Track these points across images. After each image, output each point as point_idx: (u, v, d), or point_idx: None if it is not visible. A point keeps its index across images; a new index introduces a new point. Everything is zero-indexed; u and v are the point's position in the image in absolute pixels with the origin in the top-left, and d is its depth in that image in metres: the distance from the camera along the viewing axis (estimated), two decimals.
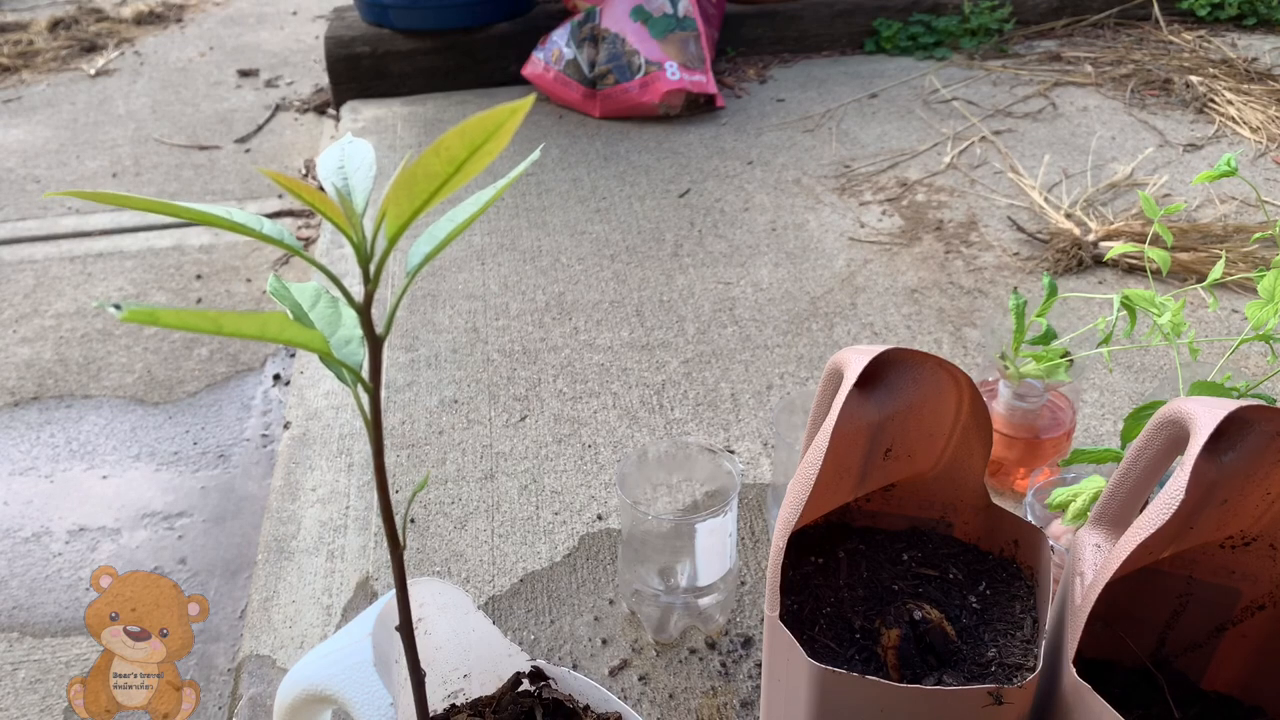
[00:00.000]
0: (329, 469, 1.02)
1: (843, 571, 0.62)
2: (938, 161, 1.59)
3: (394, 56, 1.94)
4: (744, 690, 0.75)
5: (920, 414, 0.58)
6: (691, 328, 1.20)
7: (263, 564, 0.91)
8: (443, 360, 1.17)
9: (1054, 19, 2.14)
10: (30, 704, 0.87)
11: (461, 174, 0.31)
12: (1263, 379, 0.68)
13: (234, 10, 2.89)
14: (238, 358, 1.35)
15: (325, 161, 0.37)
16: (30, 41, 2.59)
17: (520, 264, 1.36)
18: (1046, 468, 0.83)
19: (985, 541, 0.63)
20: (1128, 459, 0.54)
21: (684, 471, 0.79)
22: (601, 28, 1.79)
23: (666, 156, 1.65)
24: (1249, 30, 2.06)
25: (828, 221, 1.44)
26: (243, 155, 1.95)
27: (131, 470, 1.16)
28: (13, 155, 1.98)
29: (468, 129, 0.30)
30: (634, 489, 0.76)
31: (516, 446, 1.03)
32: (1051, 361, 0.79)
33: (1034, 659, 0.54)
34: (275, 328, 0.31)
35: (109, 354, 1.35)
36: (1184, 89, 1.79)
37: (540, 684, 0.56)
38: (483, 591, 0.86)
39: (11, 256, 1.61)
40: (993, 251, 1.34)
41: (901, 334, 1.18)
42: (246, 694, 0.79)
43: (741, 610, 0.82)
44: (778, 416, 0.83)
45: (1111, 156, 1.58)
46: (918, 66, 1.97)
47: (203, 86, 2.31)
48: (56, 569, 1.03)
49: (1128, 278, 1.26)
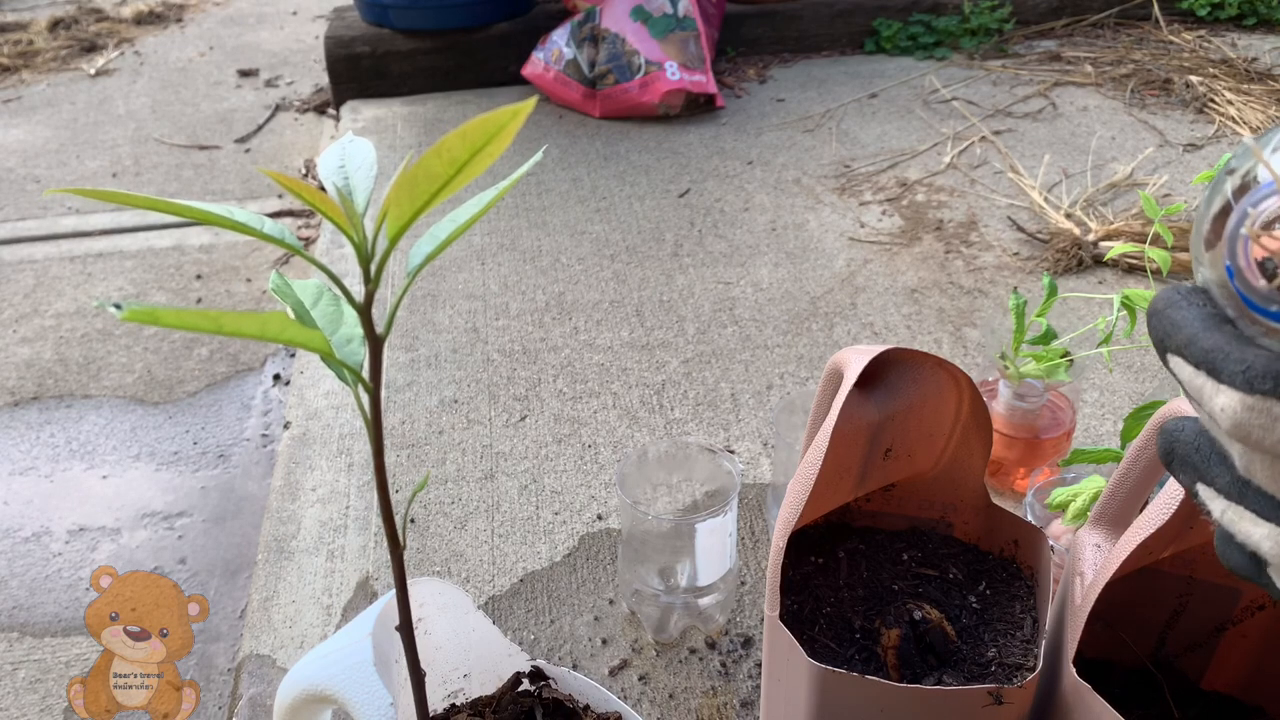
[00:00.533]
0: (329, 469, 1.02)
1: (843, 571, 0.62)
2: (938, 161, 1.59)
3: (394, 56, 1.94)
4: (744, 690, 0.75)
5: (920, 414, 0.58)
6: (691, 328, 1.20)
7: (263, 564, 0.91)
8: (443, 360, 1.17)
9: (1054, 19, 2.14)
10: (30, 704, 0.87)
11: (463, 175, 0.31)
12: None
13: (234, 10, 2.89)
14: (238, 358, 1.35)
15: (326, 161, 0.37)
16: (30, 41, 2.59)
17: (520, 264, 1.36)
18: (1046, 468, 0.83)
19: (985, 541, 0.63)
20: (1127, 459, 0.54)
21: (684, 471, 0.79)
22: (601, 28, 1.79)
23: (666, 156, 1.65)
24: (1249, 30, 2.06)
25: (828, 221, 1.44)
26: (243, 155, 1.95)
27: (131, 470, 1.16)
28: (12, 155, 1.98)
29: (469, 131, 0.30)
30: (634, 489, 0.76)
31: (516, 446, 1.03)
32: (1051, 361, 0.79)
33: (1034, 659, 0.54)
34: (276, 327, 0.31)
35: (109, 354, 1.35)
36: (1184, 89, 1.79)
37: (540, 684, 0.56)
38: (483, 591, 0.86)
39: (11, 256, 1.61)
40: (993, 251, 1.34)
41: (901, 334, 1.18)
42: (246, 694, 0.79)
43: (741, 610, 0.82)
44: (778, 416, 0.83)
45: (1111, 156, 1.58)
46: (918, 66, 1.97)
47: (203, 86, 2.31)
48: (56, 569, 1.03)
49: (1128, 278, 1.26)
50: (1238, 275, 0.29)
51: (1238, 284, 0.29)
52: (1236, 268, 0.29)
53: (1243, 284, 0.29)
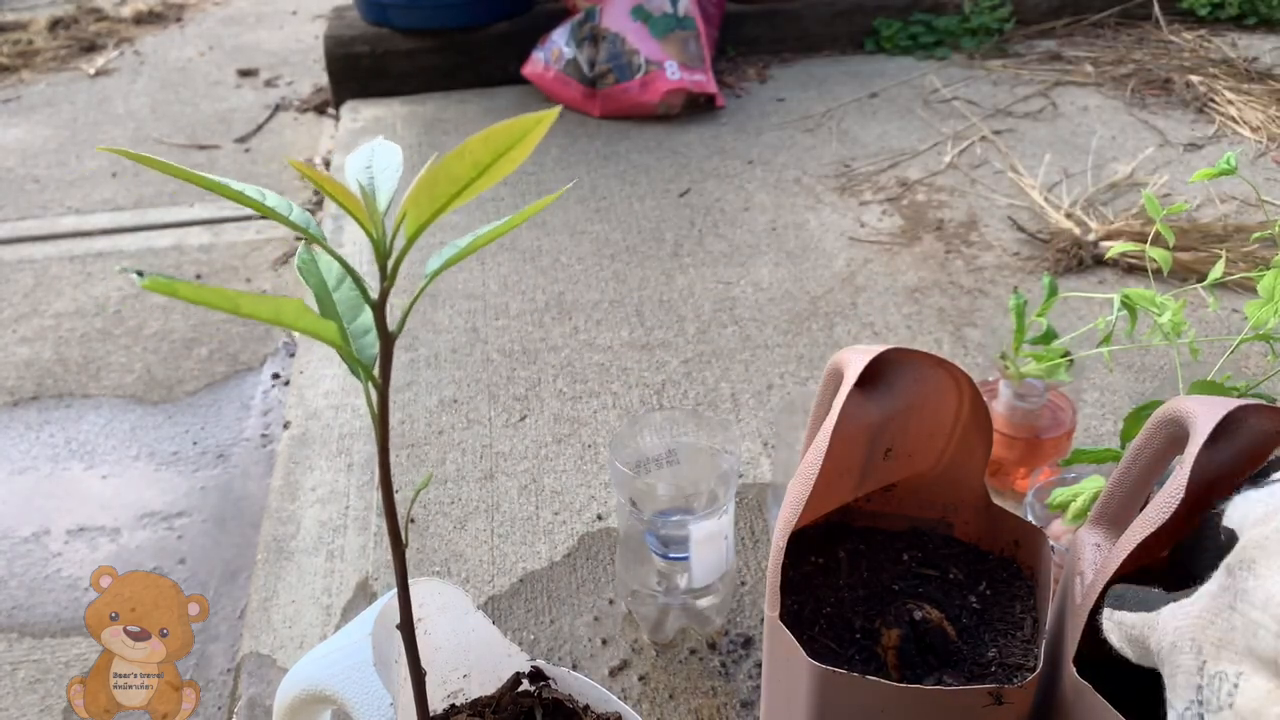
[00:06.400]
0: (329, 469, 1.02)
1: (843, 571, 0.62)
2: (938, 161, 1.59)
3: (394, 56, 1.94)
4: (744, 690, 0.75)
5: (920, 414, 0.58)
6: (691, 327, 1.20)
7: (262, 564, 0.91)
8: (442, 360, 1.17)
9: (1054, 18, 2.13)
10: (30, 704, 0.87)
11: (484, 179, 0.31)
12: (1263, 378, 0.68)
13: (234, 10, 2.89)
14: (237, 357, 1.35)
15: (354, 161, 0.37)
16: (30, 41, 2.59)
17: (520, 264, 1.36)
18: (1047, 468, 0.83)
19: (985, 541, 0.63)
20: (1127, 458, 0.54)
21: (682, 470, 0.79)
22: (601, 27, 1.79)
23: (666, 156, 1.65)
24: (1249, 30, 2.06)
25: (828, 221, 1.43)
26: (242, 155, 1.95)
27: (131, 470, 1.16)
28: (12, 155, 1.98)
29: (492, 135, 0.30)
30: (629, 488, 0.76)
31: (516, 446, 1.03)
32: (1052, 361, 0.79)
33: (1034, 659, 0.54)
34: (291, 314, 0.31)
35: (108, 354, 1.35)
36: (1184, 89, 1.78)
37: (540, 684, 0.56)
38: (482, 591, 0.86)
39: (11, 256, 1.61)
40: (993, 251, 1.34)
41: (902, 334, 1.18)
42: (246, 694, 0.79)
43: (741, 610, 0.82)
44: (778, 416, 0.83)
45: (1112, 156, 1.58)
46: (918, 66, 1.97)
47: (202, 86, 2.31)
48: (56, 569, 1.03)
49: (1128, 277, 1.26)
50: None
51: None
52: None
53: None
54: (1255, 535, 0.39)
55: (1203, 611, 0.40)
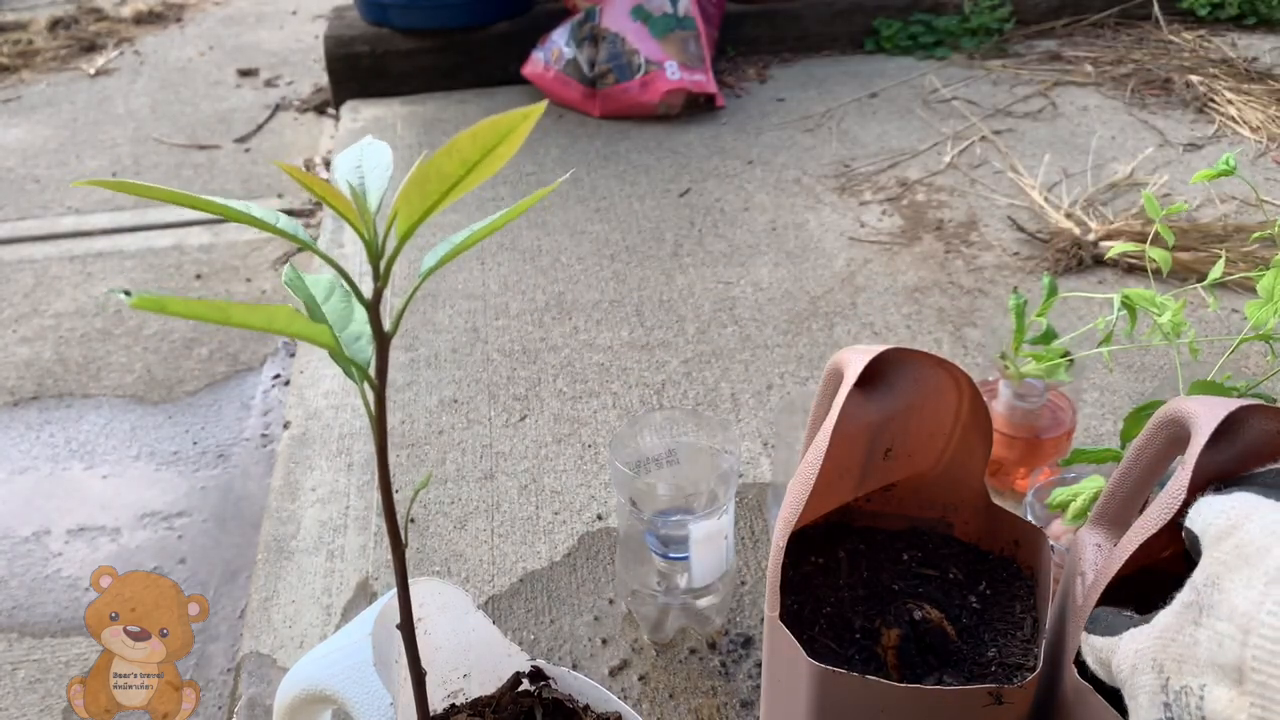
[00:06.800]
0: (329, 469, 1.02)
1: (843, 571, 0.62)
2: (938, 161, 1.59)
3: (394, 56, 1.94)
4: (744, 690, 0.75)
5: (920, 414, 0.58)
6: (691, 327, 1.20)
7: (262, 564, 0.91)
8: (442, 360, 1.17)
9: (1054, 18, 2.13)
10: (30, 704, 0.87)
11: (474, 175, 0.31)
12: (1263, 378, 0.68)
13: (234, 10, 2.89)
14: (237, 357, 1.35)
15: (343, 160, 0.37)
16: (30, 41, 2.59)
17: (520, 263, 1.36)
18: (1047, 468, 0.83)
19: (985, 541, 0.63)
20: (1128, 458, 0.53)
21: (682, 470, 0.79)
22: (601, 27, 1.79)
23: (666, 156, 1.65)
24: (1249, 30, 2.06)
25: (828, 221, 1.43)
26: (242, 155, 1.95)
27: (131, 470, 1.16)
28: (12, 155, 1.98)
29: (480, 132, 0.30)
30: (629, 488, 0.76)
31: (516, 446, 1.03)
32: (1052, 361, 0.79)
33: (1034, 659, 0.54)
34: (283, 320, 0.31)
35: (109, 354, 1.35)
36: (1184, 89, 1.78)
37: (540, 684, 0.56)
38: (482, 591, 0.86)
39: (11, 256, 1.61)
40: (993, 251, 1.34)
41: (901, 334, 1.18)
42: (246, 694, 0.79)
43: (741, 610, 0.82)
44: (778, 416, 0.83)
45: (1112, 156, 1.58)
46: (918, 66, 1.97)
47: (202, 86, 2.30)
48: (56, 569, 1.03)
49: (1128, 277, 1.26)
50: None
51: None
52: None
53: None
54: (1219, 553, 0.41)
55: (1163, 631, 0.42)
